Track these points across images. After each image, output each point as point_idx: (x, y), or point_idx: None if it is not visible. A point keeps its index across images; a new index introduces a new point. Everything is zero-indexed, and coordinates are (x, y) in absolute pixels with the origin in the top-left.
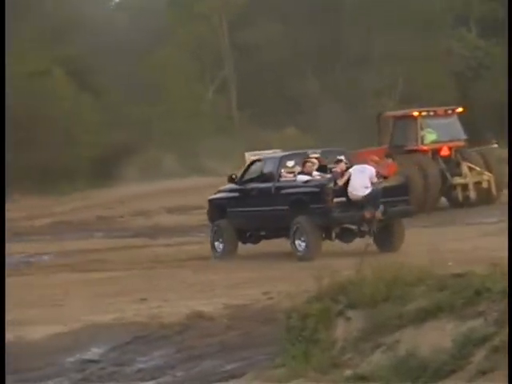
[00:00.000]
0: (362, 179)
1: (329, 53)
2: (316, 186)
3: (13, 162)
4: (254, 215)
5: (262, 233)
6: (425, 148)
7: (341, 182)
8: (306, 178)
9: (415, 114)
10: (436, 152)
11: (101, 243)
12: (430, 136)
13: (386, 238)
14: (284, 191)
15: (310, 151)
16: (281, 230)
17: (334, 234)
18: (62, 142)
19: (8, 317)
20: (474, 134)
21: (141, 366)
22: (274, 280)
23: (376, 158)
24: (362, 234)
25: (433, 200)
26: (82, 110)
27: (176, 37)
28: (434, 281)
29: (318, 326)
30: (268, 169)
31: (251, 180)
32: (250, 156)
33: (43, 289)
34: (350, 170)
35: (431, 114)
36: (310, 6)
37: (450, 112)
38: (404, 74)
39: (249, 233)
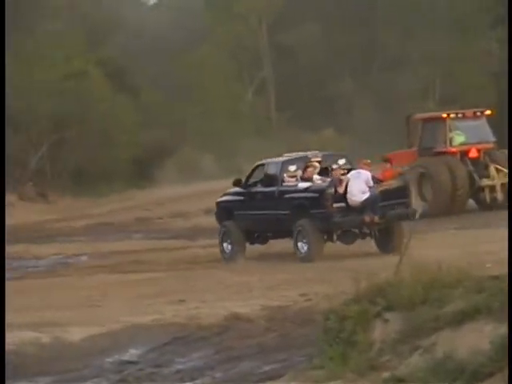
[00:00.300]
0: (358, 184)
1: (366, 54)
2: (316, 192)
3: (50, 164)
4: (259, 218)
5: (269, 234)
6: (453, 150)
7: (341, 190)
8: (306, 184)
9: (444, 116)
10: (464, 154)
11: (139, 244)
12: (458, 138)
13: (386, 239)
14: (286, 196)
15: (310, 155)
16: (285, 231)
17: (335, 237)
18: (100, 143)
19: (45, 318)
20: None
21: (179, 367)
22: (311, 282)
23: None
24: (363, 236)
25: (461, 202)
26: (120, 110)
27: (214, 37)
28: (472, 283)
29: (356, 328)
30: (271, 173)
31: (255, 184)
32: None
33: (81, 290)
34: (348, 175)
35: (460, 116)
36: (347, 7)
37: (478, 114)
38: (442, 76)
39: (256, 234)
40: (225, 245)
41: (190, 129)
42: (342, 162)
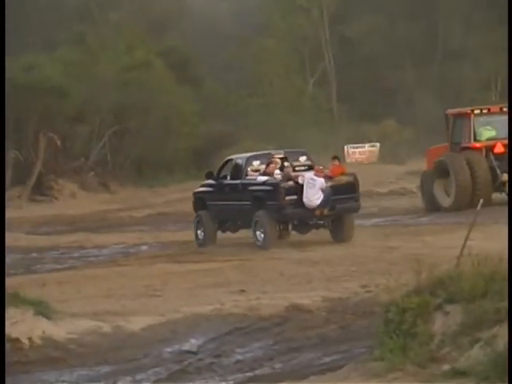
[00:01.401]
0: (313, 191)
1: (427, 44)
2: (271, 185)
3: (111, 154)
4: (227, 208)
5: (239, 223)
6: (477, 145)
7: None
8: (264, 178)
9: (468, 111)
10: (490, 149)
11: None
12: (487, 133)
13: (339, 230)
14: (248, 188)
15: (274, 152)
16: (248, 221)
17: (290, 227)
18: (161, 133)
19: (106, 307)
20: None
21: (239, 357)
22: (372, 273)
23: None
24: (317, 227)
25: (483, 196)
26: (181, 101)
27: (276, 29)
28: None
29: (417, 320)
30: (237, 167)
31: (225, 177)
32: (349, 149)
33: (142, 279)
34: (304, 182)
35: (485, 111)
36: None
37: (505, 109)
38: (505, 66)
39: (227, 223)
40: (198, 232)
41: (250, 120)
42: (302, 158)
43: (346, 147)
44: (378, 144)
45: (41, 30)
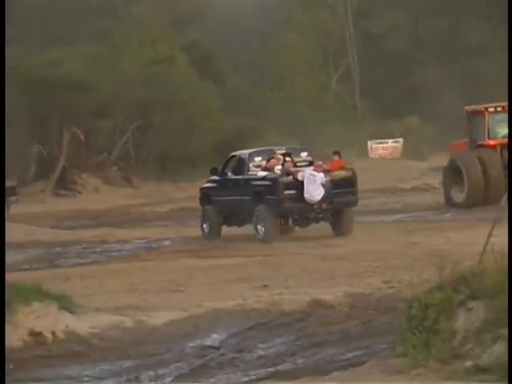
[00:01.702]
0: (314, 187)
1: (451, 41)
2: (270, 180)
3: (134, 149)
4: (230, 203)
5: (242, 217)
6: (491, 143)
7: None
8: (264, 173)
9: (483, 109)
10: (504, 146)
11: (223, 230)
12: (503, 131)
13: (338, 223)
14: (250, 183)
15: (276, 148)
16: (250, 215)
17: (290, 221)
18: (184, 128)
19: (128, 302)
20: None
21: (261, 352)
22: (395, 269)
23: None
24: (317, 220)
25: (496, 193)
26: (204, 96)
27: (300, 24)
28: None
29: (439, 316)
30: (240, 163)
31: (228, 172)
32: (372, 144)
33: (164, 274)
34: (304, 178)
35: (499, 109)
36: None
37: None
38: None
39: (231, 217)
40: (204, 226)
41: (273, 115)
42: (304, 154)
43: (369, 143)
44: (401, 140)
45: (65, 25)
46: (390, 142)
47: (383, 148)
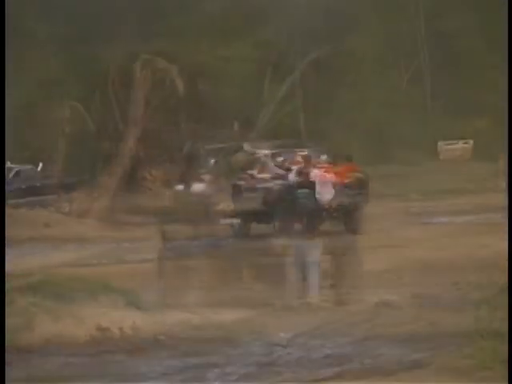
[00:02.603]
0: (326, 188)
1: None
2: (285, 179)
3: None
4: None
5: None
6: None
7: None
8: (282, 172)
9: None
10: None
11: None
12: None
13: (350, 222)
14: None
15: (297, 150)
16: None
17: (305, 220)
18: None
19: (196, 299)
20: None
21: (328, 352)
22: (463, 270)
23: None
24: (330, 219)
25: None
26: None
27: (370, 24)
28: None
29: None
30: (263, 163)
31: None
32: (442, 145)
33: (232, 272)
34: (316, 181)
35: None
36: None
37: None
38: None
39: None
40: (234, 222)
41: (342, 115)
42: (324, 157)
43: (439, 144)
44: (471, 141)
45: (138, 22)
46: (460, 144)
47: (453, 149)
